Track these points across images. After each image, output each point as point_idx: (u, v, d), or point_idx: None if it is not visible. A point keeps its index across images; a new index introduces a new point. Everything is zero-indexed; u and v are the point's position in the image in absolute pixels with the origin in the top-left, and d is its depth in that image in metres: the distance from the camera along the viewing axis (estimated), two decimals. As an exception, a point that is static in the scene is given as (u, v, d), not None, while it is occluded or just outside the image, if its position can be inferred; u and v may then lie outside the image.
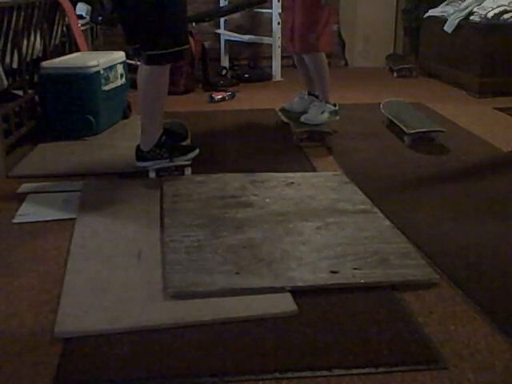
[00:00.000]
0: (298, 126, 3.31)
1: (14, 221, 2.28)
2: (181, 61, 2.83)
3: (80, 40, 3.83)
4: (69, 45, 3.91)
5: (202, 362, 1.45)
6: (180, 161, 2.70)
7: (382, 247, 1.98)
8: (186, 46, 2.62)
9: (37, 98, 3.38)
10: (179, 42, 2.55)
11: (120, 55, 3.67)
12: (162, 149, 2.65)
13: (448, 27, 4.65)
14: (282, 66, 5.15)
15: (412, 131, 3.18)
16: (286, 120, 3.48)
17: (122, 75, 3.62)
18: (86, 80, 3.28)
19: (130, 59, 4.44)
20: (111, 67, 3.48)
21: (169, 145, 2.66)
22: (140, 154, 2.67)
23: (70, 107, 3.28)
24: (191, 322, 1.60)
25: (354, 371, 1.42)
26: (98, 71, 3.33)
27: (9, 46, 3.04)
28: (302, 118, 3.35)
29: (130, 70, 4.03)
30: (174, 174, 2.68)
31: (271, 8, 4.95)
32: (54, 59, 3.46)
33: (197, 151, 2.75)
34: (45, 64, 3.34)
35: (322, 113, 3.32)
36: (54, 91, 3.29)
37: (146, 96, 2.62)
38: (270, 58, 5.18)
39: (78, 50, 3.80)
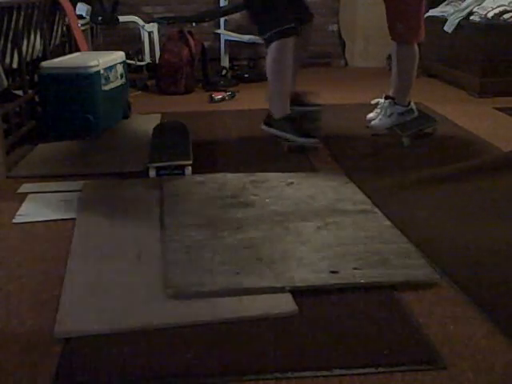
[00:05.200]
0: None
1: (14, 221, 2.28)
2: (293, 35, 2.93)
3: (80, 40, 3.83)
4: (69, 45, 3.91)
5: (202, 361, 1.45)
6: (302, 142, 2.95)
7: (382, 247, 1.98)
8: (288, 26, 2.86)
9: (37, 97, 3.38)
10: (279, 24, 2.85)
11: (120, 55, 3.67)
12: (291, 123, 2.89)
13: (448, 27, 4.65)
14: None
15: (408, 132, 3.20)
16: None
17: (122, 75, 3.62)
18: (86, 80, 3.27)
19: (130, 59, 4.45)
20: (111, 67, 3.48)
21: (296, 125, 2.89)
22: (267, 120, 2.91)
23: (70, 107, 3.28)
24: (191, 322, 1.60)
25: (354, 371, 1.41)
26: (98, 71, 3.33)
27: (9, 46, 3.04)
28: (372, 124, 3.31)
29: (130, 70, 4.04)
30: (174, 174, 2.69)
31: (271, 8, 4.95)
32: (53, 59, 3.47)
33: (314, 141, 2.97)
34: (45, 64, 3.34)
35: (390, 116, 3.25)
36: (54, 91, 3.29)
37: (269, 70, 2.97)
38: (270, 57, 5.18)
39: (78, 50, 3.80)
